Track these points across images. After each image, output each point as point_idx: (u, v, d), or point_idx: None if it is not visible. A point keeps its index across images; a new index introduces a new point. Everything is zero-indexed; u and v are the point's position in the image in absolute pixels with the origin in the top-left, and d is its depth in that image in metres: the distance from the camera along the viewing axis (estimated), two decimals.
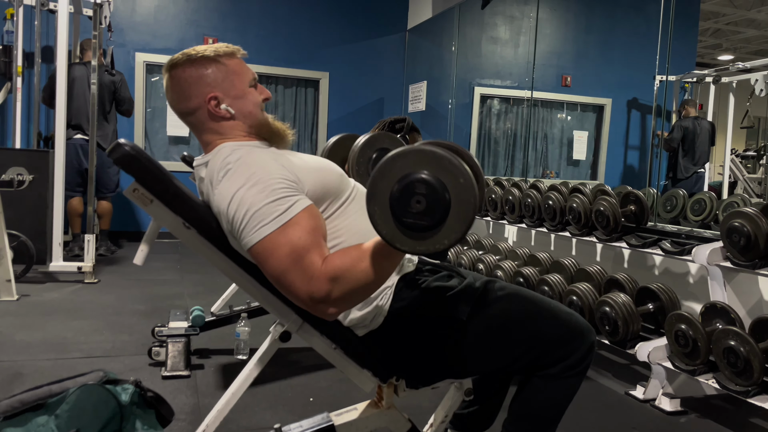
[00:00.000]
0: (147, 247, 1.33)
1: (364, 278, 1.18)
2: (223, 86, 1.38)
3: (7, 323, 3.18)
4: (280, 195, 1.21)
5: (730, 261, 2.37)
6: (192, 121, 1.41)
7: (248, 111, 1.41)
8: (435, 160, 1.10)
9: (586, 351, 1.45)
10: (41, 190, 4.22)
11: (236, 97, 1.39)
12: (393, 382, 1.44)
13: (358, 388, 1.45)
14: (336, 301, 1.19)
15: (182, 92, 1.39)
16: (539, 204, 3.47)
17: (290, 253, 1.18)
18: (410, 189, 1.09)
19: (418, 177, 1.09)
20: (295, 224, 1.20)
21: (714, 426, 2.38)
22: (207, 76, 1.37)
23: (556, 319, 1.45)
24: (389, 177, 1.11)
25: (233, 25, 6.43)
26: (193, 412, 2.21)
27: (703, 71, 6.43)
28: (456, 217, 1.09)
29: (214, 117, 1.38)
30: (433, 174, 1.09)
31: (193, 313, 2.77)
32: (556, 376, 1.43)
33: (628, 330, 2.65)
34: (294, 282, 1.19)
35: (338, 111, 6.85)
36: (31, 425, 1.28)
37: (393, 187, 1.10)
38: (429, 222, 1.09)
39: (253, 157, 1.29)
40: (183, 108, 1.40)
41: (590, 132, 7.19)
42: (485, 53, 6.88)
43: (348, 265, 1.18)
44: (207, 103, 1.37)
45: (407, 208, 1.09)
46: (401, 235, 1.11)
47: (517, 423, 1.50)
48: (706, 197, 3.38)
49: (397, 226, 1.11)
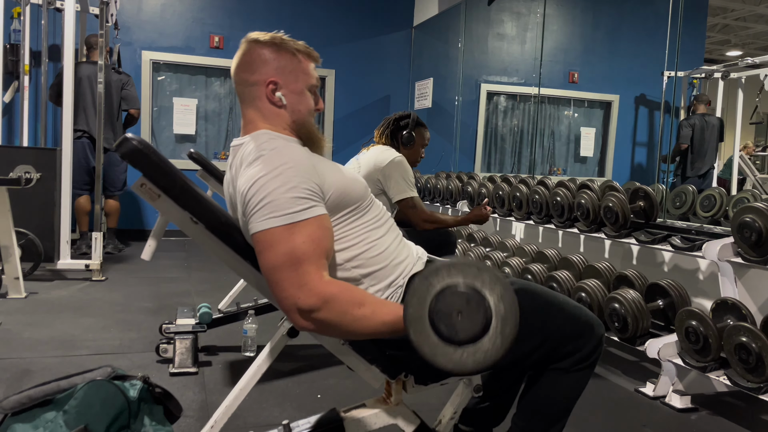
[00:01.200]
0: (155, 243, 1.32)
1: (352, 321, 1.18)
2: (287, 77, 1.42)
3: (16, 320, 3.19)
4: (300, 194, 1.23)
5: (741, 257, 2.35)
6: (243, 91, 1.44)
7: (298, 109, 1.44)
8: (461, 270, 1.11)
9: (595, 345, 1.45)
10: (49, 188, 4.22)
11: (294, 92, 1.43)
12: (401, 378, 1.43)
13: (366, 385, 1.45)
14: (315, 321, 1.19)
15: (250, 64, 1.42)
16: (547, 200, 3.45)
17: (289, 253, 1.19)
18: (449, 303, 1.09)
19: (455, 290, 1.10)
20: (303, 228, 1.21)
21: (725, 423, 2.36)
22: (278, 61, 1.41)
23: (565, 314, 1.45)
24: (423, 300, 1.11)
25: (239, 23, 6.44)
26: (201, 409, 2.21)
27: (712, 67, 6.39)
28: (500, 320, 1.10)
29: (265, 100, 1.42)
30: (487, 294, 1.10)
31: (201, 311, 2.76)
32: (566, 369, 1.44)
33: (637, 327, 2.63)
34: (282, 282, 1.19)
35: (344, 109, 6.84)
36: (39, 421, 1.28)
37: (431, 309, 1.10)
38: (473, 333, 1.09)
39: (289, 150, 1.31)
40: (242, 77, 1.43)
41: (598, 129, 7.16)
42: (492, 50, 6.86)
43: (347, 299, 1.19)
44: (266, 85, 1.41)
45: (450, 325, 1.09)
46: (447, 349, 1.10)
47: (526, 417, 1.49)
48: (716, 193, 3.36)
49: (445, 345, 1.10)
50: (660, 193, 3.33)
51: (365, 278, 1.37)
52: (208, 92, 6.52)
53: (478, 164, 6.76)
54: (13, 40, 5.29)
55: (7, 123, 5.64)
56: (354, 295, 1.20)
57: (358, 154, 2.89)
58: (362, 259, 1.37)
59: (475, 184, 4.43)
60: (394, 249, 1.43)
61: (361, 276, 1.37)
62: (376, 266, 1.38)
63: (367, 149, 2.88)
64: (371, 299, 1.22)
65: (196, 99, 6.45)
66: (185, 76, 6.44)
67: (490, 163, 6.96)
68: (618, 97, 7.01)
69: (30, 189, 3.64)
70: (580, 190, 3.25)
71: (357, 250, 1.37)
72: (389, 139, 2.88)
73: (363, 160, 2.81)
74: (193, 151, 2.90)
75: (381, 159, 2.75)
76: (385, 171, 2.73)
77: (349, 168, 2.81)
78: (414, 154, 2.94)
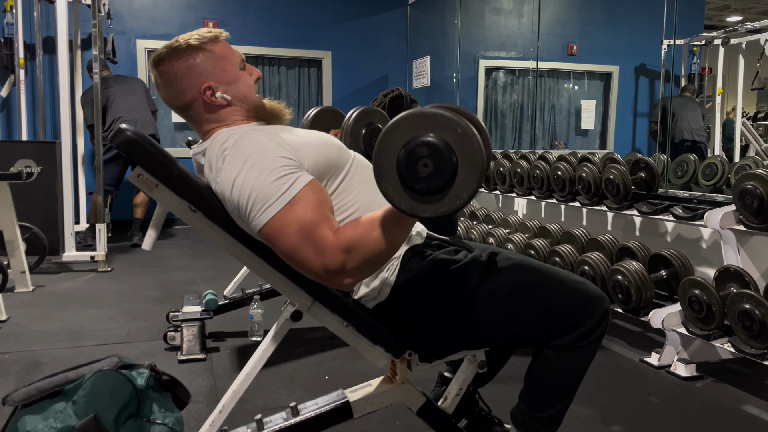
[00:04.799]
0: (155, 232, 1.33)
1: (377, 247, 1.18)
2: (214, 74, 1.36)
3: (24, 314, 3.22)
4: (281, 173, 1.21)
5: (743, 224, 2.34)
6: (190, 115, 1.40)
7: (243, 95, 1.40)
8: (427, 120, 1.09)
9: (598, 320, 1.42)
10: (50, 181, 4.24)
11: (229, 83, 1.38)
12: (406, 357, 1.43)
13: (372, 365, 1.46)
14: (351, 272, 1.19)
15: (175, 87, 1.37)
16: (548, 175, 3.44)
17: (299, 230, 1.18)
18: (414, 155, 1.08)
19: (417, 141, 1.08)
20: (299, 201, 1.20)
21: (730, 390, 2.38)
22: (197, 66, 1.35)
23: (565, 288, 1.43)
24: (390, 151, 1.10)
25: (233, 8, 6.38)
26: (210, 394, 2.23)
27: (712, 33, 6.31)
28: (466, 168, 1.08)
29: (211, 107, 1.37)
30: (431, 133, 1.08)
31: (207, 297, 2.78)
32: (568, 346, 1.41)
33: (641, 297, 2.64)
34: (307, 257, 1.19)
35: (342, 90, 6.80)
36: (49, 412, 1.30)
37: (397, 159, 1.10)
38: (442, 181, 1.08)
39: (248, 139, 1.28)
40: (178, 103, 1.39)
41: (598, 101, 7.10)
42: (489, 25, 6.78)
43: (360, 234, 1.19)
44: (202, 94, 1.36)
45: (417, 175, 1.09)
46: (418, 203, 1.10)
47: (533, 395, 1.50)
48: (718, 161, 3.34)
49: (412, 196, 1.10)
50: (661, 163, 3.31)
51: None
52: None
53: None
54: (6, 34, 5.26)
55: (5, 117, 5.64)
56: (363, 225, 1.20)
57: None
58: None
59: None
60: None
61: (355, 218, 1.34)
62: None
63: None
64: (371, 220, 1.21)
65: None
66: None
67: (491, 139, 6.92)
68: (618, 68, 6.94)
69: (32, 183, 3.65)
70: (581, 163, 3.24)
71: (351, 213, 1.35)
72: None
73: None
74: (191, 139, 2.90)
75: None
76: None
77: None
78: None
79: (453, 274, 1.38)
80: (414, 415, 1.48)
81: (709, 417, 2.16)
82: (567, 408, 1.50)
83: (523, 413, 1.50)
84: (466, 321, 1.40)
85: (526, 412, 1.49)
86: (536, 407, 1.49)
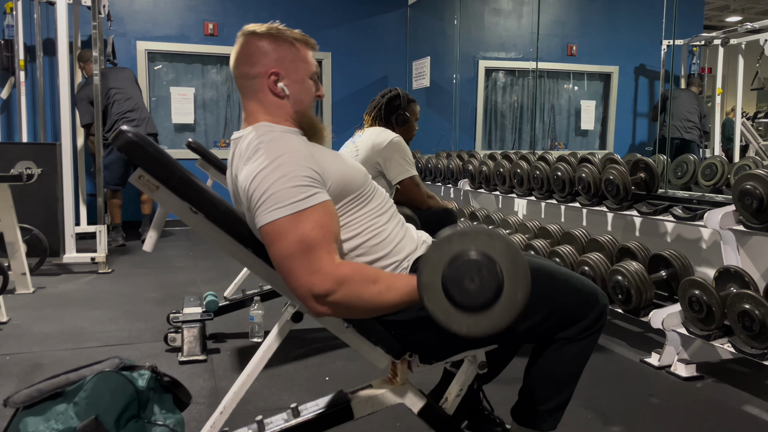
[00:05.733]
0: (156, 234, 1.33)
1: (369, 298, 1.21)
2: (287, 67, 1.42)
3: (25, 315, 3.22)
4: (301, 183, 1.24)
5: (742, 224, 2.35)
6: (245, 84, 1.44)
7: (300, 98, 1.44)
8: (481, 239, 1.12)
9: (599, 313, 1.47)
10: (50, 183, 4.24)
11: (296, 82, 1.43)
12: (406, 358, 1.44)
13: (372, 366, 1.46)
14: (332, 303, 1.21)
15: (249, 57, 1.42)
16: (548, 176, 3.45)
17: (299, 241, 1.20)
18: (462, 271, 1.11)
19: (465, 258, 1.11)
20: (309, 215, 1.22)
21: (730, 390, 2.38)
22: (277, 52, 1.41)
23: (569, 286, 1.47)
24: (436, 268, 1.12)
25: (233, 9, 6.39)
26: (211, 395, 2.24)
27: (711, 34, 6.31)
28: (512, 288, 1.11)
29: (267, 92, 1.41)
30: (478, 250, 1.11)
31: (207, 299, 2.79)
32: (570, 338, 1.46)
33: (641, 298, 2.64)
34: (296, 269, 1.21)
35: (342, 91, 6.80)
36: (50, 413, 1.30)
37: (444, 276, 1.12)
38: (486, 297, 1.11)
39: (286, 140, 1.32)
40: (243, 70, 1.43)
41: (598, 101, 7.11)
42: (488, 26, 6.79)
43: (361, 277, 1.21)
44: (267, 77, 1.40)
45: (463, 289, 1.11)
46: (455, 315, 1.12)
47: (535, 386, 1.52)
48: (717, 161, 3.34)
49: (451, 308, 1.12)
50: (661, 163, 3.31)
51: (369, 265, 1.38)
52: (204, 80, 6.49)
53: (478, 142, 6.73)
54: (6, 36, 5.27)
55: (6, 119, 5.65)
56: (367, 273, 1.23)
57: (353, 137, 2.88)
58: (365, 247, 1.38)
59: (475, 162, 4.42)
60: (396, 235, 1.43)
61: (365, 263, 1.37)
62: (379, 253, 1.39)
63: (362, 131, 2.86)
64: (384, 274, 1.24)
65: (193, 88, 6.43)
66: (181, 65, 6.42)
67: (490, 140, 6.93)
68: (617, 69, 6.95)
69: (32, 185, 3.65)
70: (580, 164, 3.24)
71: (361, 239, 1.38)
72: (383, 122, 2.86)
73: (360, 143, 2.79)
74: (191, 141, 2.89)
75: (379, 141, 2.74)
76: (384, 153, 2.72)
77: (345, 151, 2.80)
78: (409, 131, 2.93)
79: None
80: (415, 416, 1.48)
81: (710, 417, 2.17)
82: (567, 401, 1.52)
83: (524, 408, 1.53)
84: None
85: (527, 406, 1.52)
86: (537, 401, 1.51)
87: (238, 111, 6.59)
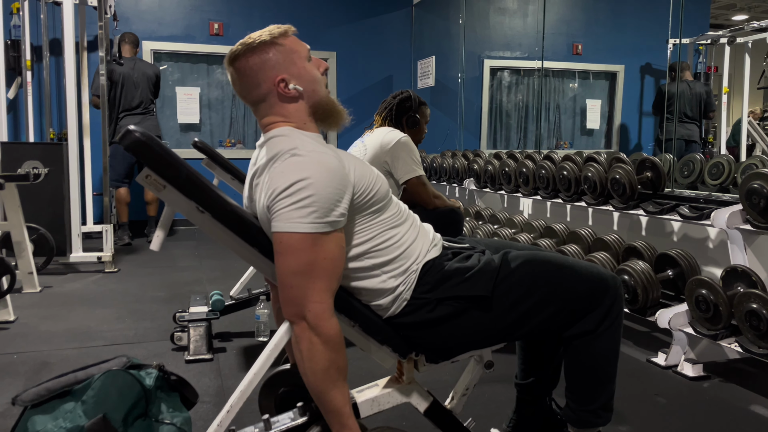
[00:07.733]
0: (163, 233, 1.33)
1: (322, 371, 1.25)
2: (286, 66, 1.40)
3: (32, 314, 3.24)
4: (330, 206, 1.24)
5: (749, 224, 2.34)
6: (260, 106, 1.43)
7: (312, 89, 1.43)
8: None
9: (613, 297, 1.47)
10: (57, 183, 4.25)
11: (299, 75, 1.41)
12: (413, 357, 1.44)
13: (378, 365, 1.46)
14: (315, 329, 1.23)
15: (251, 81, 1.40)
16: (554, 175, 3.44)
17: (310, 263, 1.22)
18: None
19: None
20: (326, 242, 1.24)
21: (738, 390, 2.37)
22: (270, 60, 1.39)
23: (578, 273, 1.47)
24: None
25: (238, 9, 6.39)
26: (218, 394, 2.24)
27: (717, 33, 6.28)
28: None
29: (283, 99, 1.40)
30: None
31: (213, 298, 2.79)
32: (593, 332, 1.46)
33: (648, 297, 2.63)
34: (296, 288, 1.23)
35: (347, 91, 6.80)
36: (58, 412, 1.31)
37: None
38: None
39: (327, 157, 1.30)
40: (254, 96, 1.42)
41: (603, 100, 7.08)
42: (493, 25, 6.77)
43: (336, 357, 1.25)
44: (276, 87, 1.39)
45: None
46: None
47: (577, 390, 1.53)
48: (724, 160, 3.32)
49: None
50: (667, 162, 3.30)
51: (378, 267, 1.38)
52: (210, 80, 6.51)
53: (483, 141, 6.72)
54: (13, 36, 5.29)
55: (12, 119, 5.66)
56: (339, 362, 1.26)
57: (363, 137, 2.89)
58: (376, 250, 1.38)
59: (481, 161, 4.42)
60: (408, 237, 1.43)
61: (374, 265, 1.38)
62: (389, 256, 1.39)
63: (371, 131, 2.88)
64: (342, 385, 1.28)
65: (198, 87, 6.44)
66: (187, 65, 6.43)
67: (495, 139, 6.91)
68: (623, 68, 6.92)
69: (39, 184, 3.67)
70: (586, 163, 3.23)
71: (372, 242, 1.38)
72: (394, 123, 2.87)
73: (368, 142, 2.80)
74: (197, 140, 2.90)
75: (387, 140, 2.75)
76: (392, 152, 2.73)
77: (354, 151, 2.80)
78: (419, 134, 2.94)
79: (468, 283, 1.40)
80: (421, 416, 1.48)
81: (717, 417, 2.16)
82: (613, 392, 1.53)
83: (575, 410, 1.54)
84: (486, 324, 1.42)
85: (577, 408, 1.53)
86: (584, 400, 1.52)
87: (243, 111, 6.59)
